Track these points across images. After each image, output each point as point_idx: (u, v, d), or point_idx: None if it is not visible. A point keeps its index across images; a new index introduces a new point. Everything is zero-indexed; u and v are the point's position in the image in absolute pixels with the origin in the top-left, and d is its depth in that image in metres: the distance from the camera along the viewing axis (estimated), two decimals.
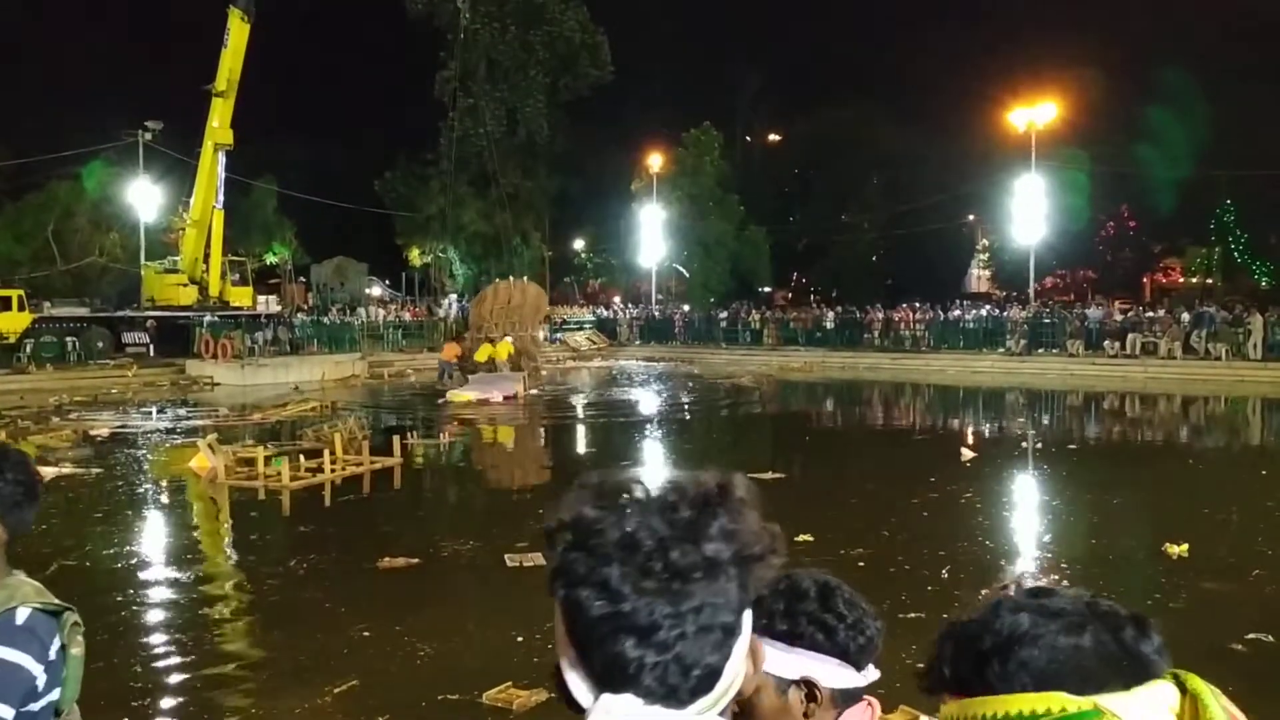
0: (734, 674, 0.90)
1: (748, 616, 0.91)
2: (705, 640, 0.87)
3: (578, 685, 0.89)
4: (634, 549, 0.86)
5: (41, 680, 1.83)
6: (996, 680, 0.97)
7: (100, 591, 9.44)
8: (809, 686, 1.51)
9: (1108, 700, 0.93)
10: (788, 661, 1.51)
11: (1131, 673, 0.96)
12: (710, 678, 0.88)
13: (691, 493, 0.91)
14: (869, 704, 1.54)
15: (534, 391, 27.60)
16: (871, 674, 1.58)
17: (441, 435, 20.43)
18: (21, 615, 1.86)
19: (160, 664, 7.69)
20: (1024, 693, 0.95)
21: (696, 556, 0.87)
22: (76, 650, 1.91)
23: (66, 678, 1.88)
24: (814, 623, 1.52)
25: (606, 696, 0.86)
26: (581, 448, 21.01)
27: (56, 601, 1.90)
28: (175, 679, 7.41)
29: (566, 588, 0.87)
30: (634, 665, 0.85)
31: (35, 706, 1.85)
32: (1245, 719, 0.94)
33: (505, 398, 25.53)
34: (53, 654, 1.85)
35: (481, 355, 30.04)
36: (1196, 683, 0.94)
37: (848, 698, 1.54)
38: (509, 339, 33.49)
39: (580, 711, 0.89)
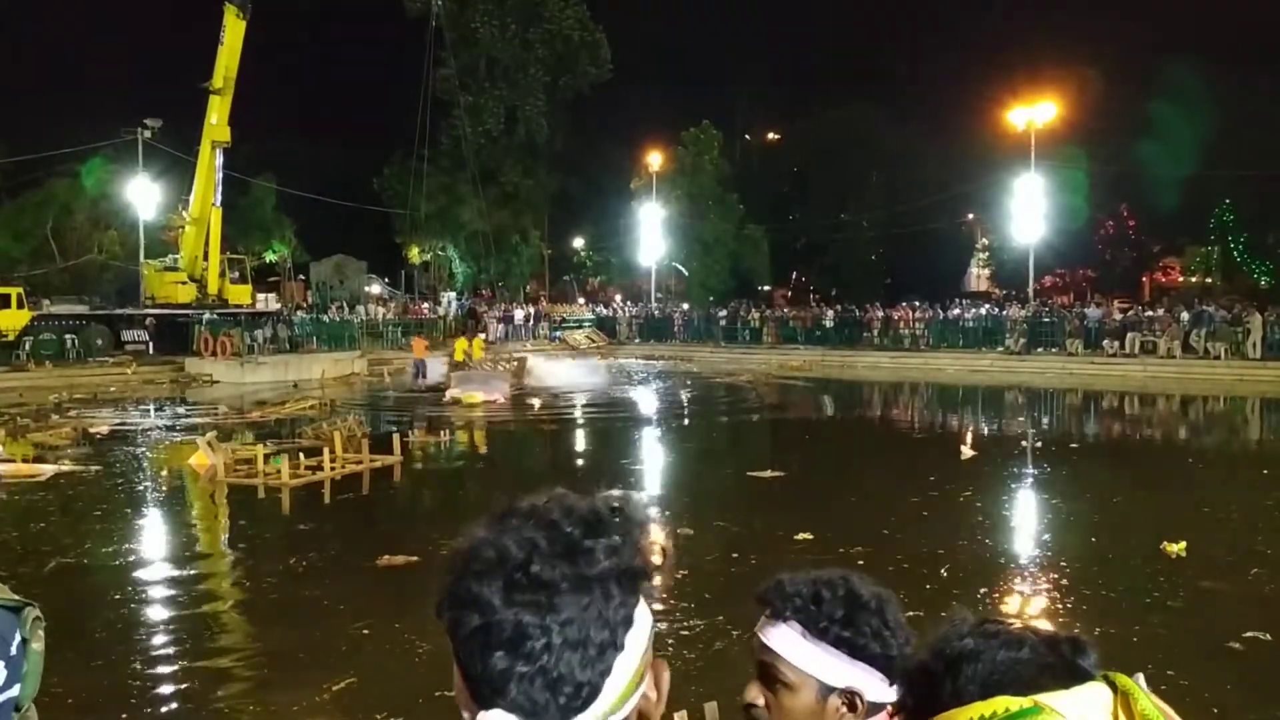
0: (617, 694, 0.88)
1: (637, 635, 0.89)
2: (575, 655, 0.85)
3: (464, 707, 0.89)
4: (504, 563, 0.87)
5: (1, 677, 1.83)
6: (950, 699, 1.05)
7: (99, 589, 9.46)
8: (852, 697, 1.51)
9: (1046, 698, 0.98)
10: (839, 670, 1.50)
11: (1069, 679, 1.02)
12: (586, 695, 0.86)
13: (579, 510, 0.91)
14: (889, 713, 1.53)
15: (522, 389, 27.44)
16: (898, 690, 1.59)
17: (444, 433, 20.45)
18: None
19: (159, 661, 7.70)
20: (972, 702, 1.03)
21: (565, 569, 0.86)
22: (38, 645, 1.90)
23: (27, 673, 1.88)
24: (876, 636, 1.52)
25: (481, 714, 0.86)
26: (581, 445, 21.01)
27: (15, 597, 1.90)
28: (174, 676, 7.41)
29: (448, 610, 0.88)
30: (500, 677, 0.85)
31: None
32: (1174, 713, 0.98)
33: (502, 397, 25.36)
34: (13, 649, 1.85)
35: (458, 353, 29.81)
36: (1125, 680, 0.99)
37: (875, 710, 1.53)
38: (481, 336, 33.53)
39: None
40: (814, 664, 1.49)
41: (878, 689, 1.51)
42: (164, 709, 6.79)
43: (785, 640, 1.51)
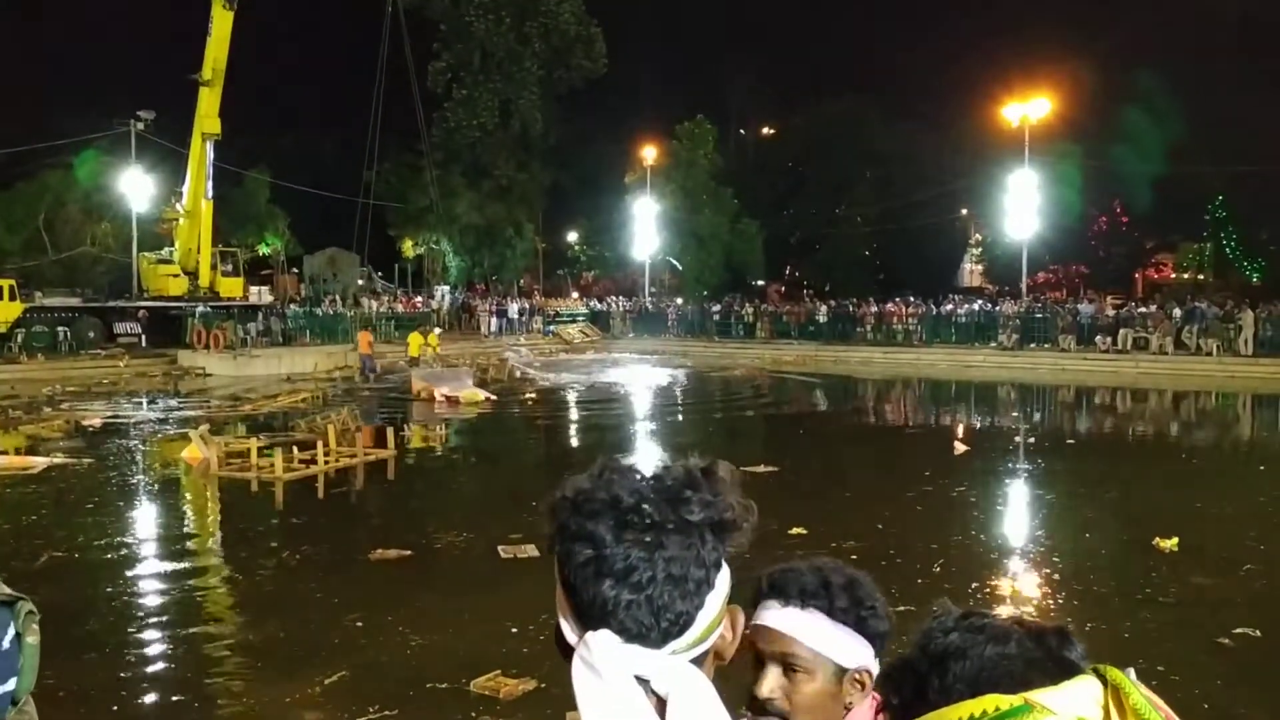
0: (706, 624, 1.00)
1: (724, 578, 1.03)
2: (677, 588, 0.98)
3: (568, 628, 1.01)
4: (616, 505, 0.99)
5: None
6: (937, 696, 1.04)
7: (92, 582, 9.45)
8: (863, 675, 1.58)
9: (1037, 695, 0.98)
10: (854, 650, 1.57)
11: (1058, 673, 1.02)
12: (682, 624, 0.98)
13: (676, 469, 1.05)
14: (876, 708, 1.58)
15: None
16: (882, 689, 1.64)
17: (440, 428, 20.45)
18: None
19: (151, 653, 7.70)
20: (962, 700, 1.01)
21: (670, 514, 0.99)
22: (32, 639, 1.91)
23: (23, 667, 1.88)
24: (876, 615, 1.60)
25: (589, 634, 0.97)
26: (573, 440, 21.03)
27: (8, 591, 1.90)
28: (166, 668, 7.41)
29: (560, 542, 1.00)
30: (611, 603, 0.97)
31: None
32: (1166, 705, 0.98)
33: (450, 397, 23.89)
34: (6, 644, 1.85)
35: (414, 348, 29.25)
36: (1116, 674, 0.99)
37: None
38: (437, 330, 32.99)
39: (569, 654, 0.99)
40: (834, 646, 1.55)
41: (875, 668, 1.59)
42: (156, 701, 6.79)
43: (808, 626, 1.55)
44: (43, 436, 18.33)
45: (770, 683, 1.55)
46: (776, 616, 1.57)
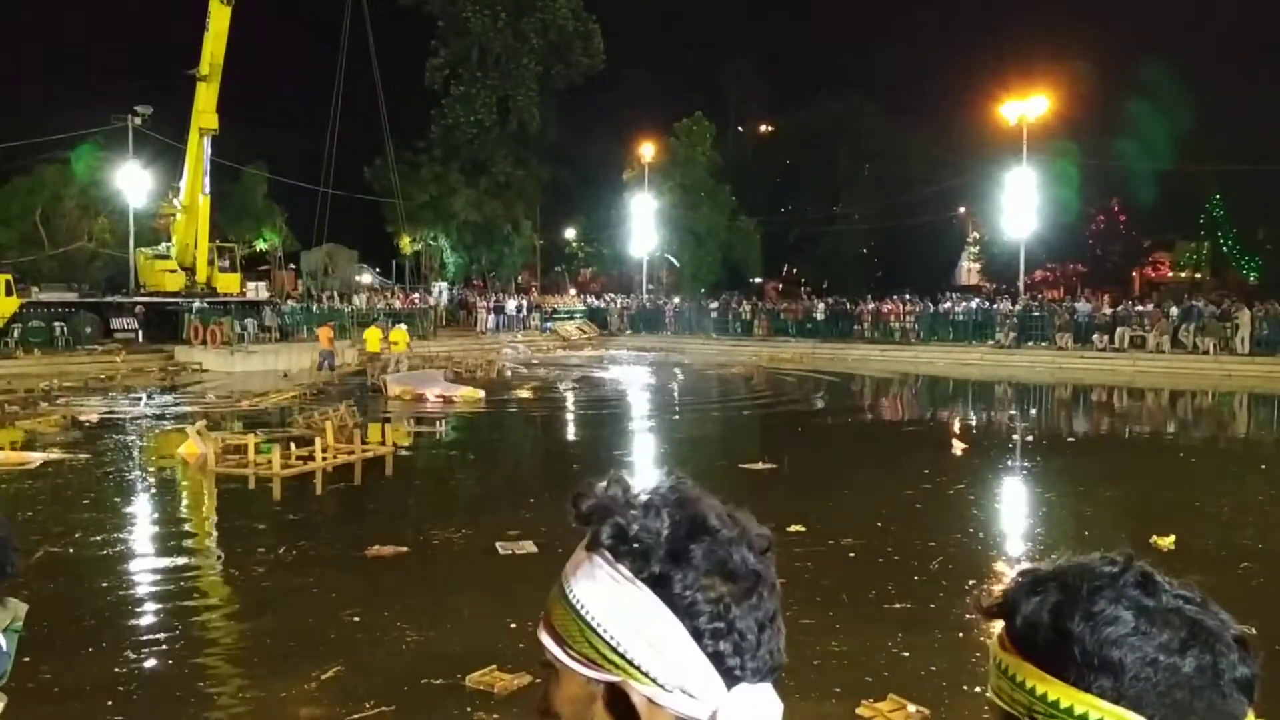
0: None
1: None
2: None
3: (695, 681, 0.87)
4: (745, 536, 0.92)
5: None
6: (1068, 663, 0.85)
7: (88, 577, 9.43)
8: None
9: None
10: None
11: (1212, 714, 0.83)
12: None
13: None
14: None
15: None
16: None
17: (439, 424, 20.43)
18: None
19: (147, 649, 7.67)
20: (1099, 699, 0.83)
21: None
22: (17, 625, 1.92)
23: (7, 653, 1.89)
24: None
25: (751, 686, 0.87)
26: (571, 436, 21.01)
27: None
28: (162, 664, 7.39)
29: (698, 583, 0.89)
30: (768, 646, 0.89)
31: None
32: None
33: (445, 396, 23.27)
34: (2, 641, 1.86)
35: (373, 343, 28.27)
36: None
37: None
38: (402, 325, 32.09)
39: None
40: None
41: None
42: (152, 696, 6.77)
43: None
44: (39, 432, 18.28)
45: None
46: None
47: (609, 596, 0.88)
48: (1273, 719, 0.95)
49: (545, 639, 0.91)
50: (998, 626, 0.94)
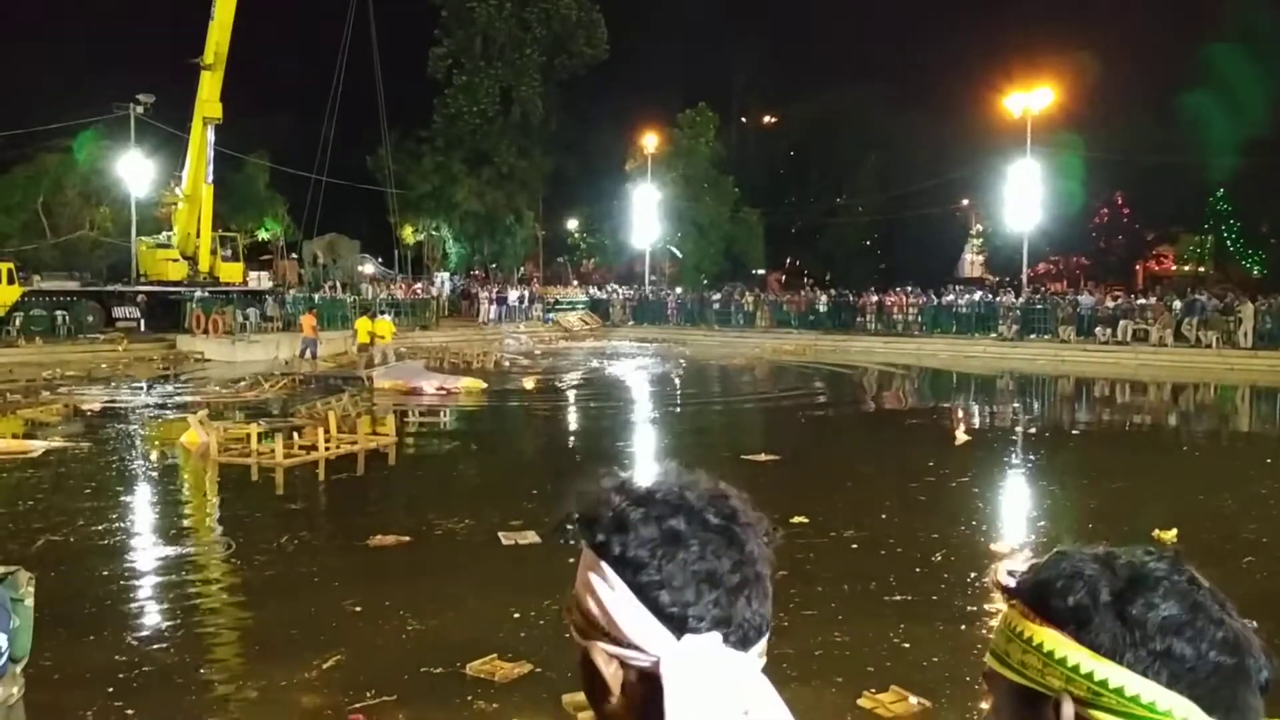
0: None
1: None
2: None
3: (645, 637, 0.94)
4: (712, 500, 1.01)
5: (3, 643, 1.85)
6: (1125, 647, 0.87)
7: (90, 566, 9.42)
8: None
9: None
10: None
11: (1240, 708, 0.87)
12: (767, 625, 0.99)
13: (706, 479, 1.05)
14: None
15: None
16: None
17: (443, 415, 20.43)
18: None
19: (149, 637, 7.68)
20: (1154, 682, 0.86)
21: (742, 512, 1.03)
22: (29, 601, 1.93)
23: (19, 628, 1.90)
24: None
25: (695, 637, 0.94)
26: (573, 431, 21.00)
27: (1, 567, 1.91)
28: (163, 652, 7.39)
29: (636, 539, 0.98)
30: (720, 598, 0.95)
31: None
32: None
33: (445, 388, 23.04)
34: (10, 618, 1.87)
35: (363, 334, 28.32)
36: None
37: None
38: (387, 317, 31.41)
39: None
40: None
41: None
42: (153, 684, 6.77)
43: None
44: (41, 420, 18.29)
45: None
46: None
47: (580, 573, 1.00)
48: (1272, 707, 0.95)
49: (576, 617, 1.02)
50: (1000, 605, 0.95)
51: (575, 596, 0.99)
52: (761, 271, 61.27)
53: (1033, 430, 19.36)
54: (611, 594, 0.95)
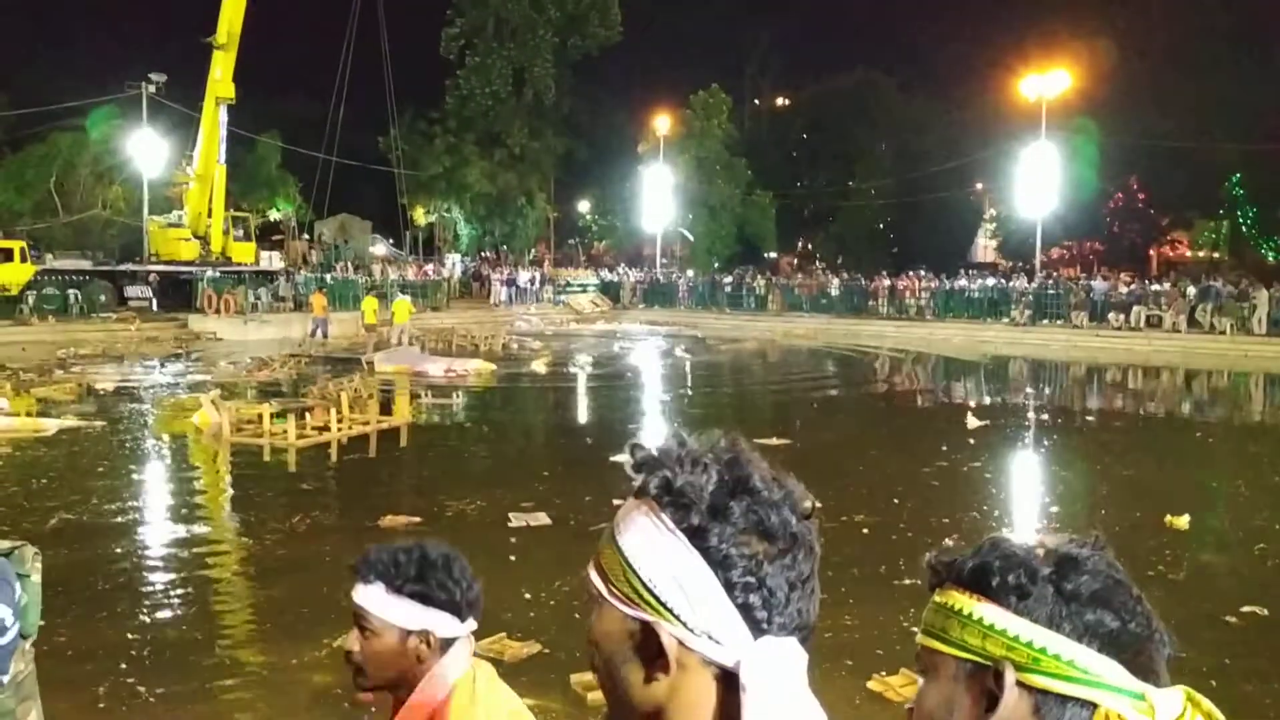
0: None
1: None
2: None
3: (722, 630, 0.92)
4: (789, 497, 0.98)
5: (10, 620, 1.86)
6: (1062, 619, 0.93)
7: (103, 545, 9.48)
8: (427, 636, 1.92)
9: (1153, 691, 0.92)
10: (414, 616, 1.92)
11: (1153, 675, 0.94)
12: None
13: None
14: (468, 639, 1.99)
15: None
16: (472, 624, 2.00)
17: (455, 396, 20.47)
18: None
19: (161, 615, 7.73)
20: (1089, 648, 0.92)
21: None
22: (36, 577, 1.95)
23: (27, 605, 1.92)
24: (441, 587, 1.94)
25: (775, 639, 0.92)
26: (585, 410, 21.02)
27: (6, 543, 1.92)
28: (175, 629, 7.44)
29: (733, 535, 0.94)
30: (800, 601, 0.96)
31: (4, 640, 1.87)
32: None
33: (454, 371, 22.99)
34: (16, 594, 1.88)
35: (370, 315, 28.22)
36: (1196, 696, 0.93)
37: (448, 644, 1.96)
38: (405, 297, 30.98)
39: (661, 664, 0.94)
40: (393, 614, 1.94)
41: (449, 626, 1.95)
42: (165, 660, 6.82)
43: (369, 598, 1.97)
44: (54, 399, 18.38)
45: (350, 639, 2.00)
46: (357, 590, 1.98)
47: (649, 542, 0.94)
48: None
49: (592, 574, 0.98)
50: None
51: (629, 563, 0.94)
52: (774, 254, 61.13)
53: (1045, 416, 19.29)
54: (699, 582, 0.92)
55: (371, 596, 1.96)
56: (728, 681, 0.92)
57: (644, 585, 0.93)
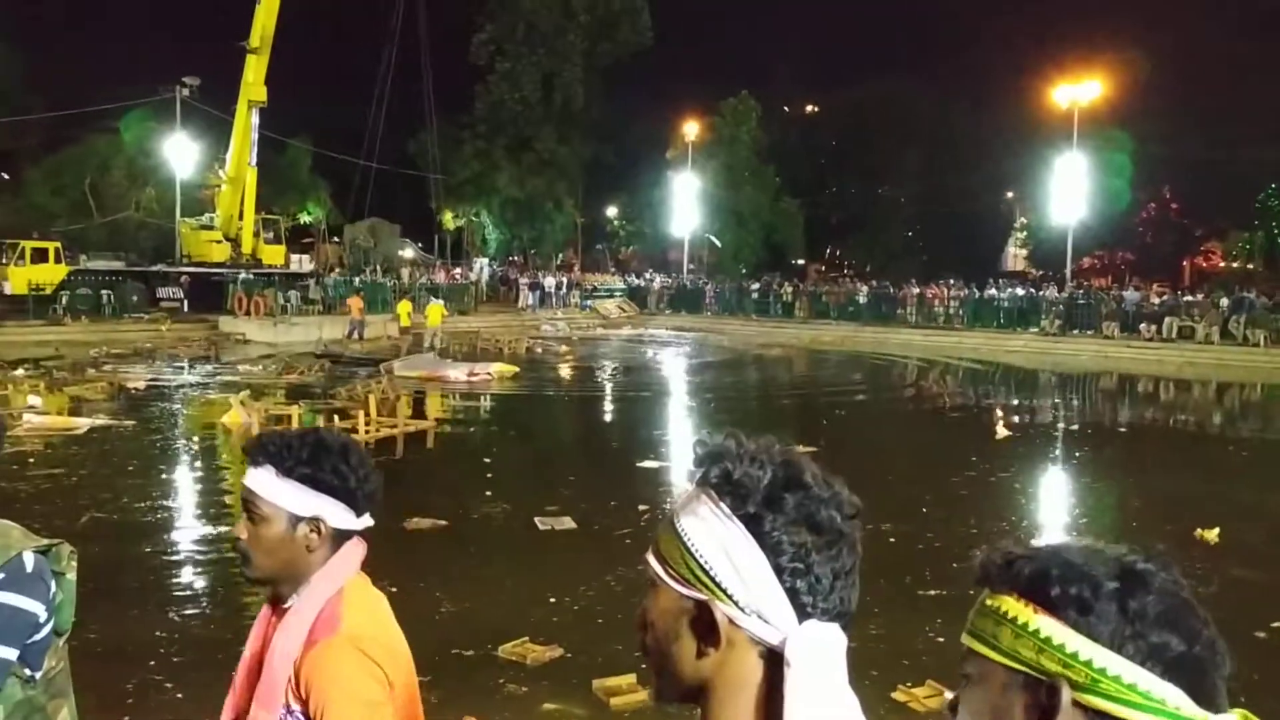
0: None
1: None
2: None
3: (771, 610, 1.01)
4: (837, 495, 1.12)
5: (44, 616, 1.89)
6: (1125, 640, 0.89)
7: (132, 543, 9.56)
8: (317, 524, 1.87)
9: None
10: (304, 501, 1.85)
11: (1202, 692, 0.90)
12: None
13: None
14: (360, 541, 1.97)
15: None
16: (369, 520, 1.97)
17: (480, 400, 20.52)
18: (29, 561, 1.89)
19: (189, 613, 7.79)
20: (1150, 673, 0.88)
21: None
22: (71, 575, 1.97)
23: (62, 602, 1.94)
24: (335, 472, 1.85)
25: (819, 624, 1.03)
26: (609, 416, 21.02)
27: (45, 540, 1.95)
28: (204, 628, 7.50)
29: (788, 522, 1.05)
30: (843, 587, 1.08)
31: (38, 637, 1.91)
32: None
33: (476, 374, 22.82)
34: (51, 591, 1.91)
35: (405, 317, 28.38)
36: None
37: (342, 535, 1.92)
38: (439, 301, 31.39)
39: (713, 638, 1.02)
40: (282, 498, 1.85)
41: (341, 517, 1.90)
42: (193, 659, 6.87)
43: (258, 480, 1.87)
44: (86, 398, 18.57)
45: (239, 527, 1.91)
46: (247, 474, 1.88)
47: (707, 527, 1.02)
48: None
49: (651, 559, 1.07)
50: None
51: (687, 545, 1.03)
52: (801, 262, 61.00)
53: (1075, 426, 19.13)
54: (751, 565, 1.01)
55: (261, 479, 1.87)
56: (772, 660, 1.01)
57: (700, 566, 1.01)
